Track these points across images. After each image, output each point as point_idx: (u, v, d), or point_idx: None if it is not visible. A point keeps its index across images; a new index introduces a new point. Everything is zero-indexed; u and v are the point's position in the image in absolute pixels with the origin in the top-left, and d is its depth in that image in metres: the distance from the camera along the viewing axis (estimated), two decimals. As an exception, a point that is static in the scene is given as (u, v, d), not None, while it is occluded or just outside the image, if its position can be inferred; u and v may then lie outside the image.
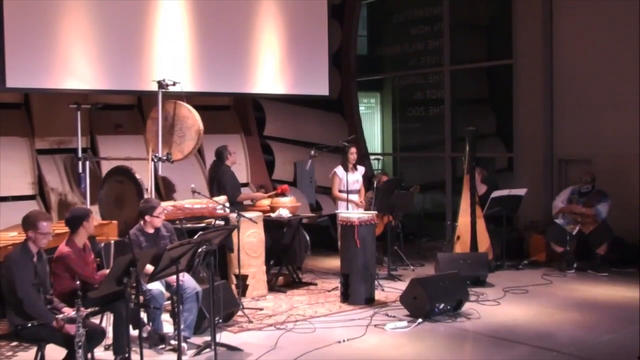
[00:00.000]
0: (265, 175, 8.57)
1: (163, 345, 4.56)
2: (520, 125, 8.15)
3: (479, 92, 9.47)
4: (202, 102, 7.60)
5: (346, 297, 5.82)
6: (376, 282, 6.09)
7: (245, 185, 8.13)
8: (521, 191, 7.25)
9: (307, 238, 6.96)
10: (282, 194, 6.62)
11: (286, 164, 8.99)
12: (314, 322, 5.24)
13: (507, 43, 8.17)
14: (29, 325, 3.69)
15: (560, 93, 7.79)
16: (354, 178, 6.90)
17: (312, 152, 6.62)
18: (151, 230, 4.86)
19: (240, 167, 7.79)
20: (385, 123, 10.47)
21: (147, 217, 4.80)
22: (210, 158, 7.46)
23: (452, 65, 8.96)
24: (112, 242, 5.02)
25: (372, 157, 9.92)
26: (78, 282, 3.72)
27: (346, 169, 6.76)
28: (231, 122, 8.45)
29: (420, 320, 5.15)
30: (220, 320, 4.86)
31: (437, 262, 6.51)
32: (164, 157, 6.15)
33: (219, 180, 6.61)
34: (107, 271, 3.99)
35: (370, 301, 5.78)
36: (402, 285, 6.04)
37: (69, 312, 3.77)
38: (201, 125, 6.36)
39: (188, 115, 6.34)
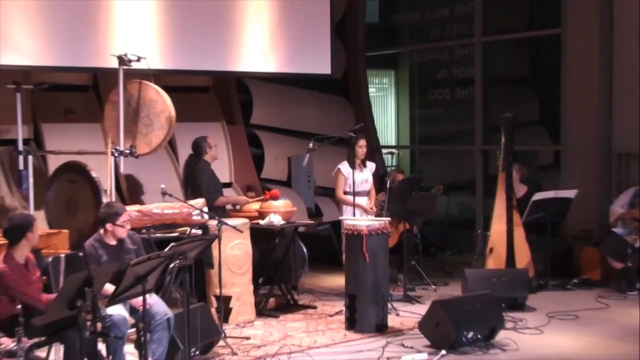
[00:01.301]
0: (252, 174, 8.61)
1: (126, 384, 4.60)
2: (569, 111, 8.15)
3: (518, 69, 9.51)
4: (174, 82, 7.68)
5: (352, 324, 5.87)
6: (389, 305, 6.15)
7: (228, 185, 8.14)
8: (570, 193, 7.32)
9: (305, 250, 7.02)
10: (274, 199, 6.74)
11: (278, 160, 9.02)
12: (312, 354, 5.27)
13: (555, 8, 8.12)
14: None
15: (622, 71, 7.71)
16: (363, 177, 6.95)
17: (311, 145, 6.69)
18: (113, 242, 4.90)
19: (221, 163, 7.77)
20: (401, 109, 10.54)
21: (108, 226, 4.83)
22: (184, 152, 7.52)
23: (484, 37, 8.97)
24: (63, 256, 5.02)
25: (384, 150, 9.97)
26: (19, 306, 3.78)
27: (353, 166, 6.81)
28: (210, 108, 8.50)
29: (443, 352, 5.18)
30: (198, 353, 4.88)
31: (465, 281, 6.58)
32: (127, 151, 6.18)
33: (196, 179, 6.67)
34: (56, 293, 4.04)
35: (382, 328, 5.83)
36: (421, 309, 6.08)
37: (8, 343, 3.75)
38: (173, 112, 6.40)
39: (156, 98, 6.36)
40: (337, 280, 7.45)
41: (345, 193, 6.89)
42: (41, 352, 4.16)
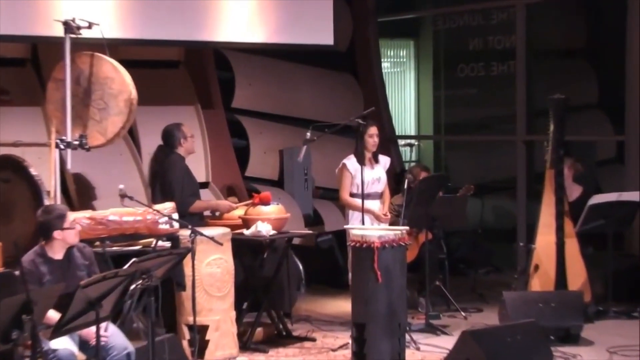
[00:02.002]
0: (234, 171, 8.66)
1: None
2: (636, 93, 8.18)
3: (572, 39, 9.53)
4: (136, 55, 7.72)
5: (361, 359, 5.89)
6: (407, 337, 6.17)
7: (204, 186, 8.16)
8: (636, 195, 7.35)
9: (301, 268, 7.13)
10: (264, 204, 6.82)
11: (267, 154, 9.06)
12: (310, 399, 5.43)
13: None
14: None
15: None
16: (374, 175, 7.01)
17: (308, 135, 6.69)
18: (58, 256, 4.91)
19: (196, 158, 7.82)
20: (422, 88, 10.57)
21: (56, 234, 4.85)
22: (148, 144, 7.57)
23: (529, -4, 9.11)
24: (-6, 274, 5.10)
25: (401, 142, 9.98)
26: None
27: (362, 161, 6.84)
28: (181, 88, 8.55)
29: (475, 396, 5.30)
30: (165, 397, 4.97)
31: (504, 306, 6.61)
32: (76, 142, 6.16)
33: (166, 177, 6.73)
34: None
35: (398, 366, 5.87)
36: (447, 342, 6.12)
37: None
38: (133, 92, 6.37)
39: (113, 75, 6.34)
40: (342, 306, 7.49)
41: (352, 195, 6.93)
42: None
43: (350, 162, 6.95)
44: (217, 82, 8.75)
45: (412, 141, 9.78)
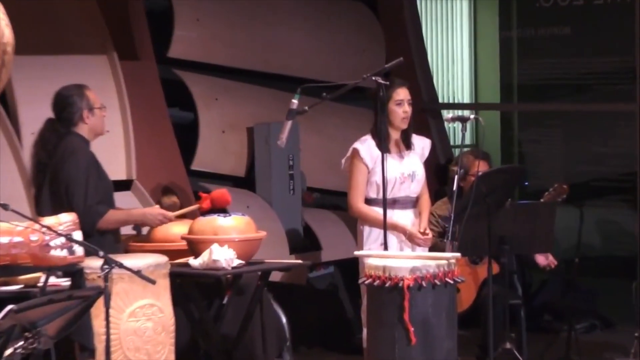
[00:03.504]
0: (175, 162, 8.80)
1: None
2: None
3: None
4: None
5: None
6: None
7: (124, 186, 8.30)
8: None
9: (284, 321, 7.28)
10: (223, 210, 6.97)
11: (229, 133, 9.17)
12: None
13: None
14: None
15: None
16: (405, 168, 7.13)
17: (295, 103, 6.82)
18: None
19: (111, 141, 7.85)
20: (481, 26, 10.82)
21: None
22: (32, 118, 7.60)
23: None
24: None
25: (448, 114, 10.01)
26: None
27: (384, 146, 6.91)
28: (86, 26, 8.61)
29: None
30: None
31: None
32: None
33: (59, 173, 6.76)
34: None
35: None
36: None
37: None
38: (8, 35, 6.25)
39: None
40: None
41: (369, 202, 7.01)
42: None
43: (366, 146, 7.01)
44: (145, 17, 8.81)
45: (467, 113, 9.79)
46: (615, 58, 9.85)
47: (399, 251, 6.90)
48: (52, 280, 5.91)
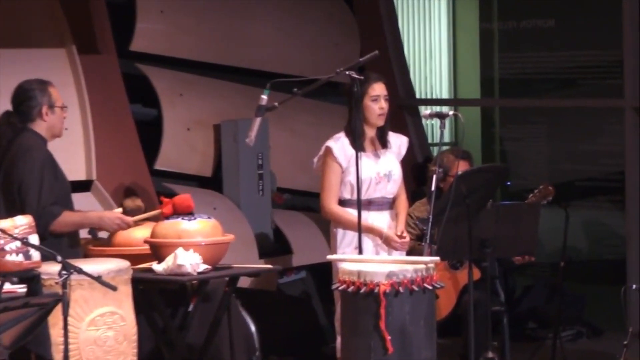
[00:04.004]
0: (137, 161, 8.80)
1: None
2: None
3: None
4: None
5: None
6: None
7: (84, 186, 8.31)
8: None
9: (253, 329, 7.34)
10: (191, 214, 6.96)
11: (194, 131, 9.16)
12: None
13: None
14: None
15: None
16: (381, 167, 7.17)
17: (265, 99, 6.85)
18: None
19: (70, 139, 7.82)
20: (460, 17, 10.82)
21: None
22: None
23: None
24: None
25: (426, 110, 9.31)
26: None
27: (359, 144, 6.93)
28: (44, 18, 8.60)
29: None
30: None
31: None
32: None
33: (13, 171, 6.75)
34: None
35: None
36: None
37: None
38: None
39: None
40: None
41: (343, 203, 7.07)
42: None
43: (339, 145, 7.05)
44: (106, 7, 8.77)
45: (445, 109, 10.00)
46: (602, 51, 9.90)
47: (374, 255, 6.95)
48: (7, 287, 5.84)
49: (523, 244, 7.42)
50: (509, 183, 8.09)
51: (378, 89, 7.05)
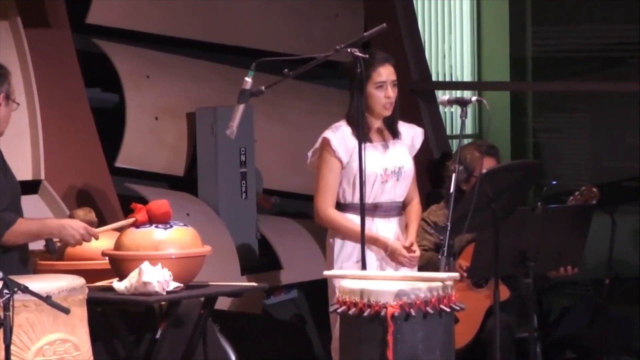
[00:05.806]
0: (96, 158, 8.68)
1: None
2: None
3: None
4: None
5: None
6: None
7: (30, 188, 8.17)
8: None
9: (233, 359, 7.26)
10: (156, 223, 6.88)
11: (163, 120, 8.99)
12: None
13: None
14: None
15: None
16: (389, 163, 7.02)
17: (249, 81, 6.72)
18: None
19: (15, 131, 7.57)
20: None
21: None
22: None
23: None
24: None
25: (444, 96, 9.33)
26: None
27: (363, 134, 6.74)
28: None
29: None
30: None
31: None
32: None
33: None
34: None
35: None
36: None
37: None
38: None
39: None
40: None
41: (342, 207, 6.92)
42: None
43: (339, 135, 6.86)
44: None
45: (467, 94, 10.02)
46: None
47: (379, 271, 6.75)
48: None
49: (568, 254, 7.29)
50: (554, 182, 7.78)
51: (385, 73, 6.82)
